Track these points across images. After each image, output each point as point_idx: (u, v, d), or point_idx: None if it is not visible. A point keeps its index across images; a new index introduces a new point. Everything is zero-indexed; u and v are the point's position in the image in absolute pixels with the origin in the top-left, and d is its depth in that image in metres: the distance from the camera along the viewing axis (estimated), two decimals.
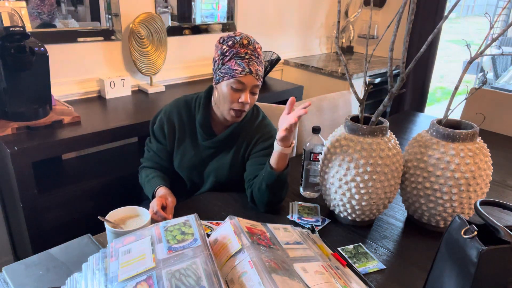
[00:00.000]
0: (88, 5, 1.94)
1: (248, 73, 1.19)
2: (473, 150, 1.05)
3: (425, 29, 2.90)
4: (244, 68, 1.19)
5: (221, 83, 1.23)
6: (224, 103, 1.24)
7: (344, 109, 2.06)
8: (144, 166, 1.39)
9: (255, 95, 1.26)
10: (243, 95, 1.22)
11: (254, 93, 1.25)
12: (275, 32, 2.87)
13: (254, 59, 1.21)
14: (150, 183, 1.30)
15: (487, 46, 1.00)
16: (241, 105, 1.23)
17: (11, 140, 1.46)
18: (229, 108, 1.24)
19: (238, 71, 1.19)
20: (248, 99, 1.22)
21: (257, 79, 1.22)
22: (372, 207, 1.09)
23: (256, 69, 1.21)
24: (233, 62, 1.20)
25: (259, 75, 1.23)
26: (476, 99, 2.18)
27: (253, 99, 1.26)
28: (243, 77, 1.19)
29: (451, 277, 0.78)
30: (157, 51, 2.16)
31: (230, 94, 1.22)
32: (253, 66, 1.20)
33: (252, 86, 1.22)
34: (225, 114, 1.27)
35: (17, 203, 1.53)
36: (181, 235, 0.82)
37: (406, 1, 0.96)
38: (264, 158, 1.27)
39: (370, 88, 1.06)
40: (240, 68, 1.19)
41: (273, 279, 0.73)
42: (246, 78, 1.20)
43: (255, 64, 1.21)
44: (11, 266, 0.93)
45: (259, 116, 1.37)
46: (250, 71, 1.19)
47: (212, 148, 1.33)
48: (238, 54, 1.19)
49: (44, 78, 1.59)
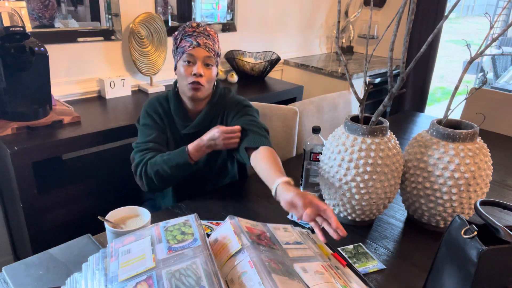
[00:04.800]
0: (88, 5, 1.94)
1: (196, 45, 1.25)
2: (473, 150, 1.05)
3: (425, 29, 2.90)
4: (191, 42, 1.26)
5: (178, 66, 1.30)
6: (182, 81, 1.29)
7: (344, 109, 2.06)
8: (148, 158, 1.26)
9: (210, 67, 1.29)
10: (195, 67, 1.26)
11: (209, 64, 1.29)
12: (275, 32, 2.87)
13: (203, 36, 1.27)
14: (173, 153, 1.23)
15: (487, 46, 1.00)
16: (195, 77, 1.26)
17: (11, 140, 1.46)
18: (186, 83, 1.28)
19: (187, 45, 1.26)
20: (200, 70, 1.26)
21: (207, 51, 1.27)
22: (372, 207, 1.09)
23: (205, 42, 1.27)
24: (183, 41, 1.27)
25: (208, 47, 1.27)
26: (476, 99, 2.18)
27: (209, 72, 1.29)
28: (191, 49, 1.25)
29: (451, 277, 0.78)
30: (157, 51, 2.16)
31: (185, 69, 1.27)
32: (201, 40, 1.26)
33: (204, 57, 1.27)
34: (186, 92, 1.30)
35: (17, 203, 1.53)
36: (181, 235, 0.82)
37: (406, 1, 0.96)
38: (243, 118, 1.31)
39: (370, 88, 1.06)
40: (188, 43, 1.26)
41: (273, 279, 0.73)
42: (195, 51, 1.25)
43: (203, 38, 1.26)
44: (11, 266, 0.93)
45: (230, 93, 1.41)
46: (198, 43, 1.25)
47: (193, 136, 1.32)
48: (186, 33, 1.27)
49: (44, 78, 1.59)
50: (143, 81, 2.24)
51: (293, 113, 1.73)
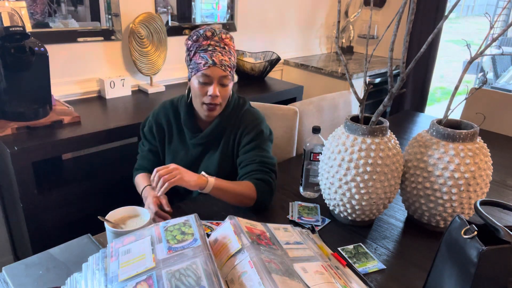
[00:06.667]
0: (88, 5, 1.94)
1: (212, 64, 1.17)
2: (473, 150, 1.05)
3: (425, 29, 2.90)
4: (207, 60, 1.17)
5: (191, 80, 1.23)
6: (195, 98, 1.24)
7: (344, 109, 2.06)
8: (136, 168, 1.41)
9: (226, 87, 1.22)
10: (210, 88, 1.19)
11: (224, 84, 1.21)
12: (275, 32, 2.87)
13: (219, 49, 1.18)
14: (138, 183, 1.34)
15: (487, 46, 1.00)
16: (210, 99, 1.20)
17: (11, 140, 1.46)
18: (200, 102, 1.23)
19: (202, 64, 1.17)
20: (216, 92, 1.19)
21: (224, 70, 1.19)
22: (372, 207, 1.09)
23: (221, 59, 1.18)
24: (197, 56, 1.18)
25: (225, 65, 1.19)
26: (476, 99, 2.18)
27: (224, 92, 1.23)
28: (207, 69, 1.17)
29: (451, 277, 0.78)
30: (157, 51, 2.16)
31: (199, 89, 1.20)
32: (216, 57, 1.17)
33: (219, 77, 1.19)
34: (199, 110, 1.26)
35: (17, 203, 1.53)
36: (181, 235, 0.82)
37: (406, 1, 0.96)
38: (252, 152, 1.25)
39: (370, 88, 1.06)
40: (203, 61, 1.17)
41: (273, 279, 0.73)
42: (211, 70, 1.17)
43: (219, 54, 1.17)
44: (11, 266, 0.93)
45: (245, 105, 1.33)
46: (213, 62, 1.17)
47: (200, 145, 1.31)
48: (201, 47, 1.18)
49: (44, 78, 1.59)
50: (143, 81, 2.24)
51: (293, 113, 1.73)
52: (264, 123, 1.32)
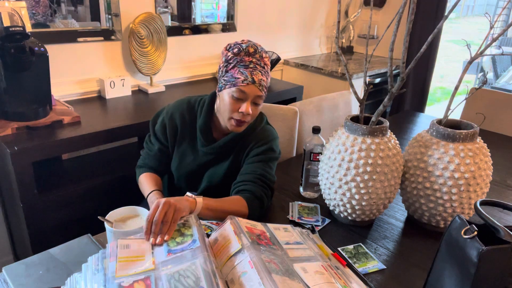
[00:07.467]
0: (88, 5, 1.94)
1: (251, 82, 1.14)
2: (473, 150, 1.05)
3: (425, 29, 2.90)
4: (246, 77, 1.13)
5: (223, 91, 1.19)
6: (224, 111, 1.19)
7: (344, 109, 2.06)
8: (140, 165, 1.37)
9: (257, 106, 1.20)
10: (244, 105, 1.16)
11: (257, 103, 1.19)
12: (275, 32, 2.87)
13: (259, 68, 1.16)
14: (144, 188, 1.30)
15: (487, 46, 1.00)
16: (241, 115, 1.18)
17: (11, 140, 1.46)
18: (229, 117, 1.19)
19: (240, 79, 1.14)
20: (249, 110, 1.16)
21: (260, 90, 1.16)
22: (372, 207, 1.09)
23: (260, 79, 1.15)
24: (236, 70, 1.15)
25: (262, 85, 1.17)
26: (476, 99, 2.18)
27: (256, 110, 1.20)
28: (245, 86, 1.14)
29: (451, 277, 0.78)
30: (157, 51, 2.16)
31: (231, 103, 1.17)
32: (256, 76, 1.14)
33: (255, 96, 1.17)
34: (225, 123, 1.22)
35: (17, 203, 1.53)
36: (180, 237, 0.82)
37: (406, 1, 0.96)
38: (256, 164, 1.23)
39: (370, 88, 1.06)
40: (242, 77, 1.14)
41: (273, 279, 0.73)
42: (248, 88, 1.14)
43: (259, 73, 1.15)
44: (11, 266, 0.93)
45: (262, 122, 1.32)
46: (253, 80, 1.14)
47: (210, 155, 1.28)
48: (242, 62, 1.15)
49: (44, 78, 1.59)
50: (143, 81, 2.24)
51: (293, 113, 1.73)
52: (276, 142, 1.31)
